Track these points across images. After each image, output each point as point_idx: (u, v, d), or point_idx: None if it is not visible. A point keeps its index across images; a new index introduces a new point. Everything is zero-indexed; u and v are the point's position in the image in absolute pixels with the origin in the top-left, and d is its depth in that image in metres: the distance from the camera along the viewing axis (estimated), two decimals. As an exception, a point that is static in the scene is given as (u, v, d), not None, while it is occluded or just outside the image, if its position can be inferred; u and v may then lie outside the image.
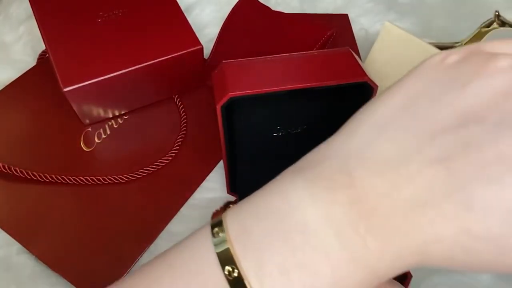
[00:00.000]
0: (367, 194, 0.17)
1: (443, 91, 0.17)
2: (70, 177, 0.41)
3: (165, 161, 0.43)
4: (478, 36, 0.47)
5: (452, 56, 0.19)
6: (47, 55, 0.44)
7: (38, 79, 0.47)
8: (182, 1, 0.49)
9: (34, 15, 0.44)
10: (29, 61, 0.50)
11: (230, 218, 0.20)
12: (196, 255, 0.20)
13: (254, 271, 0.18)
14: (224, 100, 0.34)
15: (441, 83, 0.18)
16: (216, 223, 0.20)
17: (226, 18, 0.51)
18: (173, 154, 0.44)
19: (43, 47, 0.44)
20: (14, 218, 0.39)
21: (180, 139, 0.45)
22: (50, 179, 0.41)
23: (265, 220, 0.18)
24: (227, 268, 0.18)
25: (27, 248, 0.38)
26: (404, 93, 0.19)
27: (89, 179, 0.41)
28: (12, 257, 0.38)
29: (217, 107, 0.35)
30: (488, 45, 0.19)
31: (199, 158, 0.45)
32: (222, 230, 0.19)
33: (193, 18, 0.56)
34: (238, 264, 0.18)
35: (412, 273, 0.38)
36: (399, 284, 0.25)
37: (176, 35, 0.44)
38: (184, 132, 0.46)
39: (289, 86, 0.34)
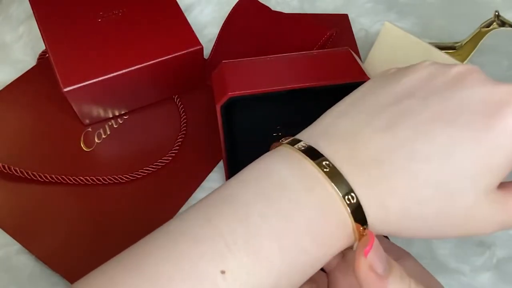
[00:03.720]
0: (333, 159, 0.21)
1: (386, 84, 0.23)
2: (70, 177, 0.41)
3: (165, 161, 0.43)
4: (478, 36, 0.46)
5: (392, 69, 0.25)
6: (47, 55, 0.44)
7: (38, 79, 0.47)
8: (182, 1, 0.49)
9: (34, 15, 0.44)
10: (29, 61, 0.50)
11: None
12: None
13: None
14: (224, 100, 0.34)
15: (384, 81, 0.24)
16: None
17: (226, 18, 0.51)
18: (173, 154, 0.44)
19: (43, 47, 0.44)
20: (14, 218, 0.39)
21: (180, 139, 0.45)
22: (50, 179, 0.41)
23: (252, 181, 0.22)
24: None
25: (27, 248, 0.38)
26: (357, 93, 0.24)
27: (89, 179, 0.41)
28: (12, 257, 0.38)
29: (217, 107, 0.35)
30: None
31: (199, 158, 0.45)
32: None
33: (193, 18, 0.56)
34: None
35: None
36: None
37: (176, 35, 0.44)
38: (184, 132, 0.46)
39: (289, 86, 0.34)
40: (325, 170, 0.21)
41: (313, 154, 0.21)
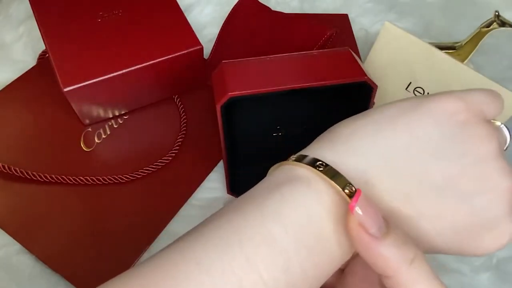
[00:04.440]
0: None
1: (444, 152, 0.22)
2: (70, 177, 0.41)
3: (165, 161, 0.43)
4: (478, 36, 0.46)
5: (462, 115, 0.23)
6: (47, 55, 0.44)
7: (38, 79, 0.47)
8: (182, 1, 0.49)
9: (34, 15, 0.44)
10: (29, 61, 0.50)
11: None
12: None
13: None
14: (224, 100, 0.34)
15: (445, 143, 0.22)
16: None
17: (226, 18, 0.51)
18: (173, 154, 0.44)
19: (43, 47, 0.44)
20: (14, 218, 0.39)
21: (180, 139, 0.45)
22: (50, 179, 0.41)
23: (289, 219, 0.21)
24: None
25: (27, 248, 0.38)
26: (413, 136, 0.22)
27: (89, 179, 0.41)
28: (12, 257, 0.38)
29: (217, 107, 0.35)
30: (487, 105, 0.24)
31: (199, 158, 0.45)
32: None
33: (193, 18, 0.56)
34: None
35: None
36: None
37: (176, 35, 0.44)
38: (184, 132, 0.46)
39: (289, 86, 0.34)
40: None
41: None
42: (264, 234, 0.20)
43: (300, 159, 0.22)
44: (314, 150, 0.23)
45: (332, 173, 0.21)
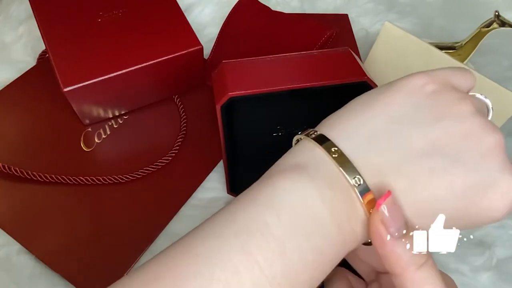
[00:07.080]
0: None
1: (421, 120, 0.23)
2: (70, 177, 0.41)
3: (165, 161, 0.43)
4: (478, 36, 0.47)
5: (430, 85, 0.24)
6: (47, 55, 0.44)
7: (38, 79, 0.47)
8: (182, 1, 0.49)
9: (34, 15, 0.44)
10: (29, 61, 0.50)
11: None
12: None
13: None
14: (224, 100, 0.34)
15: (420, 112, 0.23)
16: None
17: (226, 18, 0.51)
18: (173, 154, 0.44)
19: (43, 47, 0.44)
20: (14, 218, 0.39)
21: (180, 139, 0.45)
22: (50, 179, 0.41)
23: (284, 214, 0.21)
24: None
25: (27, 248, 0.38)
26: (390, 112, 0.24)
27: (89, 179, 0.41)
28: (12, 257, 0.38)
29: (217, 107, 0.35)
30: (455, 77, 0.25)
31: (199, 158, 0.45)
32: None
33: (193, 18, 0.56)
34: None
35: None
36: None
37: (176, 35, 0.44)
38: (184, 132, 0.46)
39: (289, 86, 0.34)
40: (364, 201, 0.21)
41: (361, 188, 0.21)
42: (258, 222, 0.21)
43: (309, 134, 0.24)
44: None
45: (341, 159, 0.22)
